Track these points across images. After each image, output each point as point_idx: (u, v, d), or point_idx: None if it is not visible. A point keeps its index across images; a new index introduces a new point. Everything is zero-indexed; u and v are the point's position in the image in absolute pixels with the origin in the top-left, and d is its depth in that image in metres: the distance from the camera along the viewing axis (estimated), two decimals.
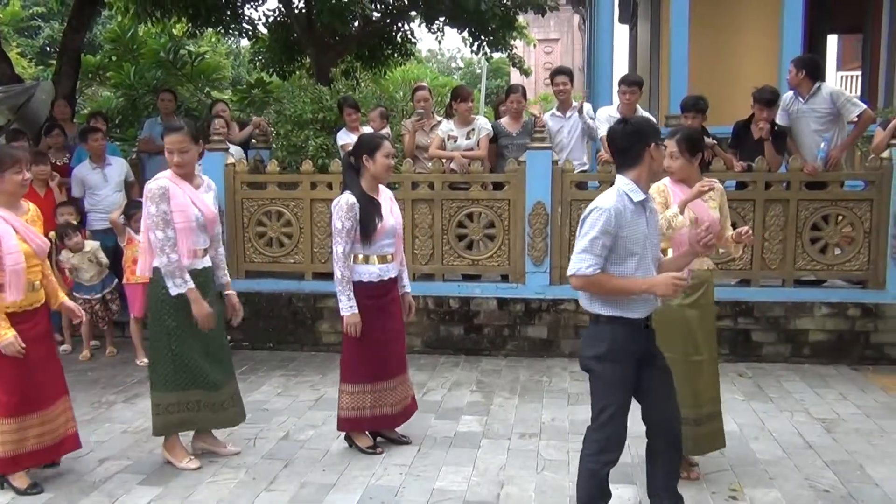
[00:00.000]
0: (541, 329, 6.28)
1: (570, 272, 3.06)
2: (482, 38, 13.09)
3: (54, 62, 23.14)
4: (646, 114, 6.42)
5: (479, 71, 40.25)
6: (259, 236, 6.61)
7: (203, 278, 4.10)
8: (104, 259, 6.38)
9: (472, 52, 13.68)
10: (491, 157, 6.65)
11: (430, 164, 6.59)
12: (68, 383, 5.35)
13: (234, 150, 6.97)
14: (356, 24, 11.81)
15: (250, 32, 13.42)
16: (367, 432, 4.34)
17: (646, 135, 3.12)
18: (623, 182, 3.10)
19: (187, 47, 13.33)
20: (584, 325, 6.11)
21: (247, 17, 11.65)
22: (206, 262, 4.16)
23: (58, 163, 7.20)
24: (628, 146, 3.13)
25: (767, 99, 6.00)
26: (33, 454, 3.88)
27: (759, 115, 6.05)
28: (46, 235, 5.37)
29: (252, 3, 11.43)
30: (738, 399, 5.16)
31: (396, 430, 4.47)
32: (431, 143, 6.56)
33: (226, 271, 4.37)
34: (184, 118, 6.89)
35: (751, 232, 3.78)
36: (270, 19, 11.88)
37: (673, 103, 8.29)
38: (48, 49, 24.50)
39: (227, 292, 4.33)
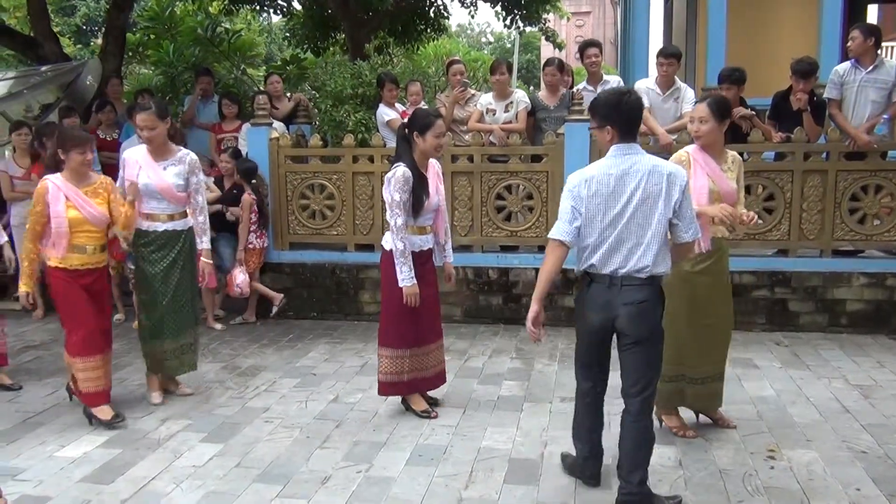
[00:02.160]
0: None
1: (692, 237, 3.24)
2: (515, 11, 13.10)
3: (92, 41, 23.48)
4: (685, 85, 6.46)
5: (509, 45, 39.99)
6: (302, 209, 6.79)
7: (164, 239, 4.62)
8: None
9: (504, 25, 13.69)
10: (529, 130, 6.74)
11: (466, 136, 6.71)
12: (125, 351, 5.65)
13: (277, 125, 7.14)
14: None
15: (285, 9, 13.58)
16: (420, 395, 4.51)
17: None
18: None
19: (223, 25, 13.48)
20: None
21: None
22: (172, 226, 4.64)
23: (108, 138, 7.46)
24: (639, 116, 3.28)
25: (805, 70, 5.99)
26: (101, 393, 4.45)
27: (796, 86, 6.05)
28: None
29: None
30: (776, 366, 5.24)
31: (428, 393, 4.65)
32: (471, 117, 6.67)
33: (202, 238, 4.80)
34: (152, 98, 7.13)
35: (756, 218, 3.89)
36: None
37: (710, 75, 8.29)
38: (84, 28, 24.89)
39: (202, 256, 4.83)
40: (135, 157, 4.56)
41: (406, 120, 4.49)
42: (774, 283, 6.13)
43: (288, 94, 9.09)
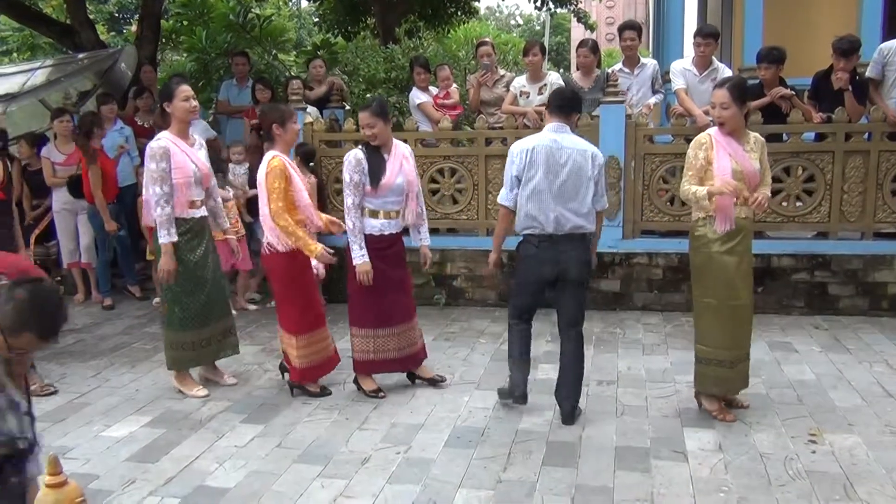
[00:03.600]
0: (613, 283, 6.36)
1: (601, 207, 4.06)
2: None
3: (125, 28, 23.69)
4: (722, 66, 6.36)
5: (538, 28, 39.65)
6: (337, 192, 6.81)
7: (200, 226, 4.63)
8: None
9: (535, 7, 13.57)
10: None
11: (491, 119, 6.69)
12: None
13: (311, 109, 7.17)
14: None
15: None
16: (372, 376, 4.61)
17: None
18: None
19: (254, 10, 13.53)
20: (656, 278, 6.24)
21: None
22: (203, 211, 4.67)
23: (145, 125, 7.54)
24: (570, 103, 4.06)
25: (846, 48, 5.85)
26: (318, 367, 4.60)
27: (837, 65, 5.92)
28: (114, 195, 6.60)
29: None
30: (815, 350, 5.18)
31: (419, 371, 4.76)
32: (505, 100, 6.64)
33: (225, 217, 5.00)
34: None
35: (764, 203, 3.89)
36: None
37: (748, 54, 8.14)
38: (118, 15, 25.14)
39: (227, 236, 4.98)
40: (175, 147, 4.42)
41: None
42: (814, 266, 6.04)
43: None
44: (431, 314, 6.39)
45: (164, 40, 13.69)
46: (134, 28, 14.22)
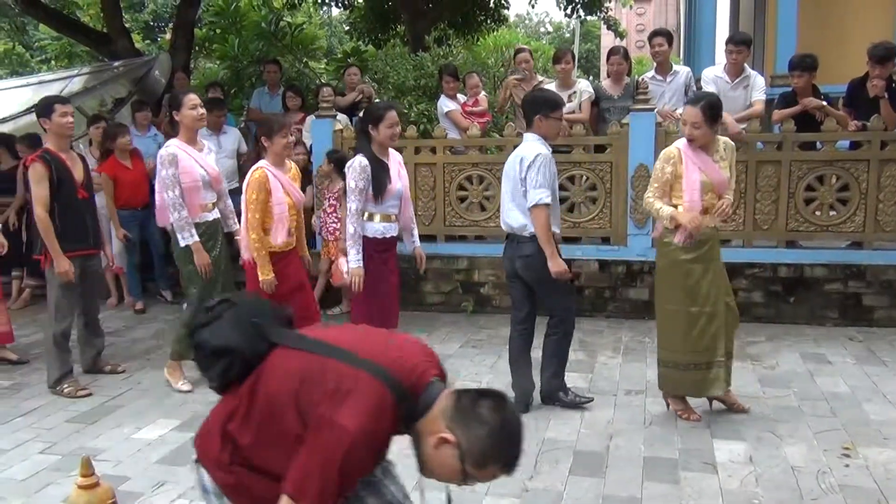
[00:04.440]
0: (642, 291, 6.30)
1: (536, 202, 3.99)
2: (576, 0, 12.95)
3: (159, 36, 24.10)
4: (754, 73, 6.29)
5: (567, 35, 39.59)
6: None
7: (213, 228, 4.80)
8: None
9: (565, 14, 13.53)
10: (592, 120, 6.66)
11: None
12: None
13: (341, 117, 7.22)
14: None
15: (346, 2, 13.70)
16: None
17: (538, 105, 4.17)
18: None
19: (286, 19, 13.70)
20: None
21: None
22: (215, 214, 4.84)
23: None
24: (526, 110, 4.24)
25: (882, 55, 5.77)
26: None
27: (873, 72, 5.83)
28: (139, 203, 6.67)
29: None
30: (850, 362, 5.08)
31: None
32: None
33: (235, 219, 5.02)
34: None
35: (728, 211, 3.98)
36: None
37: (780, 61, 8.04)
38: (152, 24, 25.56)
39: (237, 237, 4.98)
40: (182, 152, 4.58)
41: (362, 114, 4.85)
42: (848, 276, 5.93)
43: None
44: (459, 321, 6.40)
45: (197, 48, 13.90)
46: (168, 36, 14.46)
